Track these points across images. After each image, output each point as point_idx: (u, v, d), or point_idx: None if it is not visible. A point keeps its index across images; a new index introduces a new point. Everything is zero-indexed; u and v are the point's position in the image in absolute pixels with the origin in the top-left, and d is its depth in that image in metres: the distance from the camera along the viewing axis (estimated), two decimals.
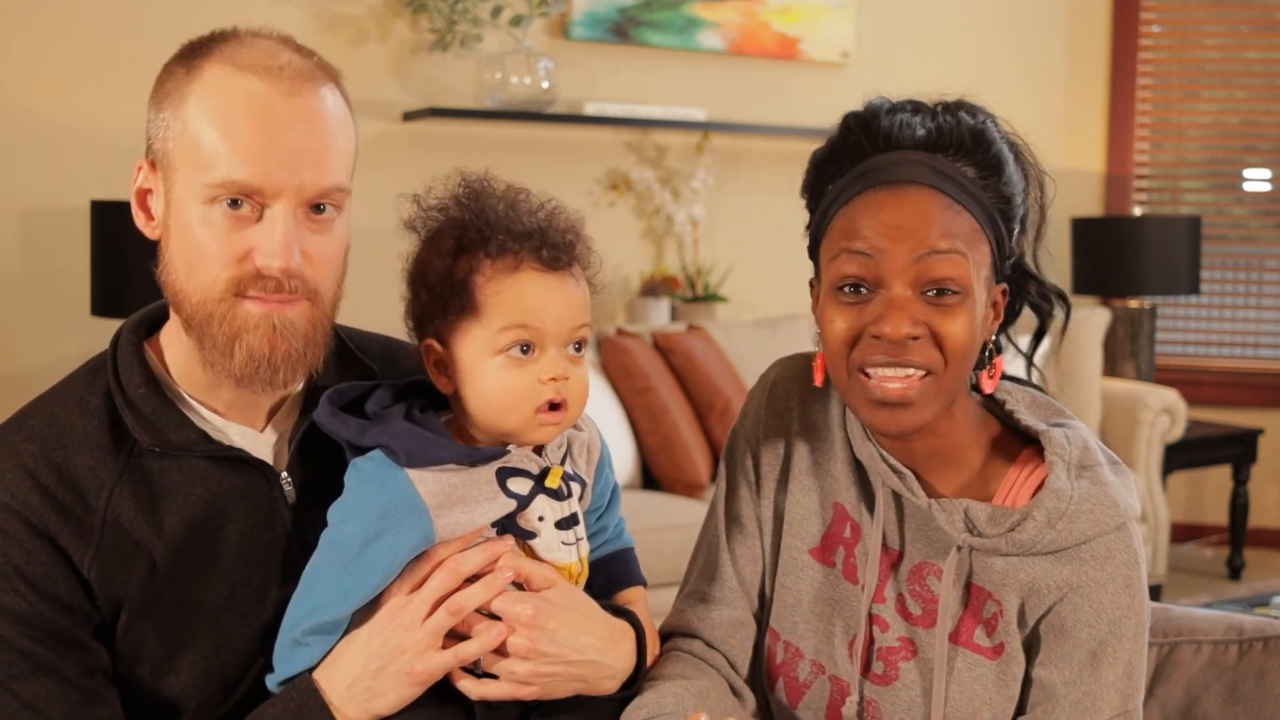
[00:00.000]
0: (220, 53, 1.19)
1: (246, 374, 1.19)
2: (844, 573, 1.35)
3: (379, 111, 3.96)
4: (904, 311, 1.21)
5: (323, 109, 1.20)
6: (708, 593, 1.41)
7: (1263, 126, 5.29)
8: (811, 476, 1.38)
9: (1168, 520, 4.42)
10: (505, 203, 1.24)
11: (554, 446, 1.26)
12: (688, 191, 4.44)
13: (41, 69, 3.50)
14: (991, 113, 1.31)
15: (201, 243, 1.18)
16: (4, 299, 3.52)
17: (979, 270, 1.24)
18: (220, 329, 1.19)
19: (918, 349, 1.21)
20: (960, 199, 1.23)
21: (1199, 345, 5.32)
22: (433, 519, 1.18)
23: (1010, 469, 1.31)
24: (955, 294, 1.21)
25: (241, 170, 1.16)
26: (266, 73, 1.18)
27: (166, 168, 1.20)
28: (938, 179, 1.23)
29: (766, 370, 1.45)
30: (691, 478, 3.79)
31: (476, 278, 1.21)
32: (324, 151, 1.19)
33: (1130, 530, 1.28)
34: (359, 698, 1.19)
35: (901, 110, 1.29)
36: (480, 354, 1.21)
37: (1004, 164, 1.26)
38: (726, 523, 1.42)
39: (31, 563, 1.17)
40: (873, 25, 4.86)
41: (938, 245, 1.21)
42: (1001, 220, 1.27)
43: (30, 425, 1.22)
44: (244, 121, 1.16)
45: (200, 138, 1.17)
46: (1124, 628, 1.25)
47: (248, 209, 1.17)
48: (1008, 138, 1.30)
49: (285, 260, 1.17)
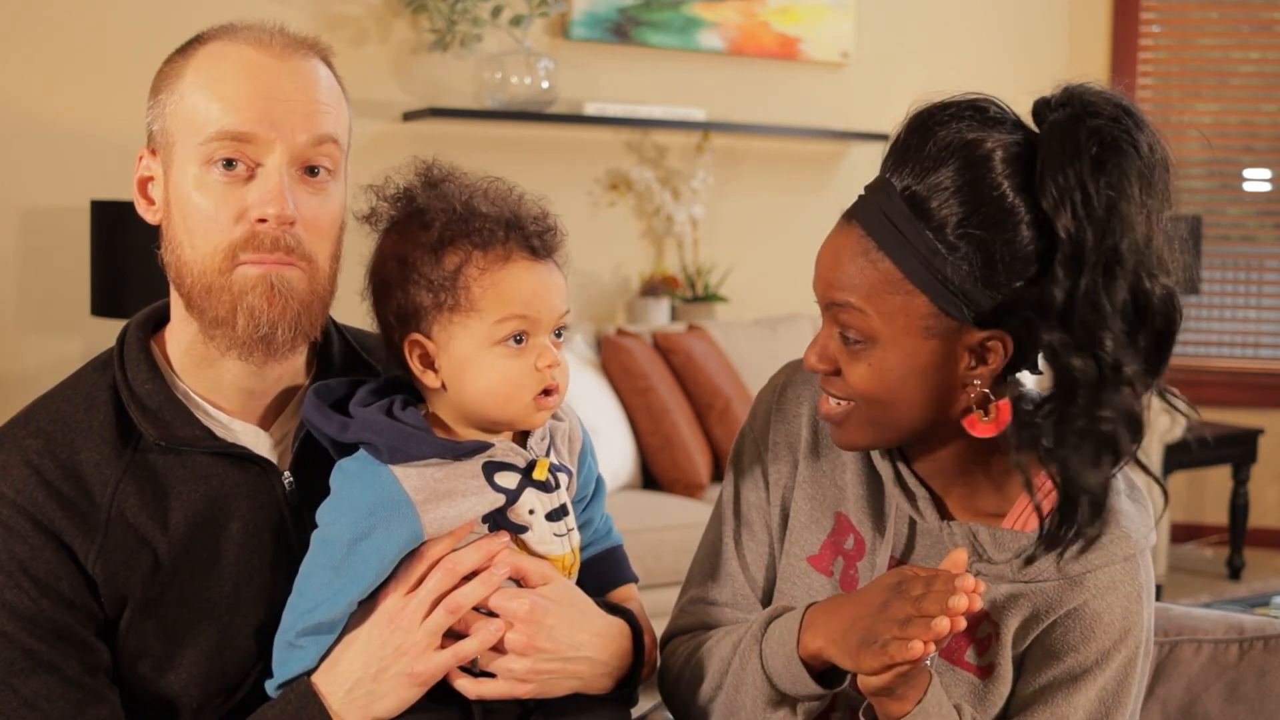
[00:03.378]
0: (215, 35, 1.23)
1: (248, 336, 1.20)
2: (841, 583, 1.34)
3: (379, 111, 3.97)
4: (814, 346, 1.24)
5: (313, 71, 1.23)
6: (716, 596, 1.40)
7: (1262, 126, 5.29)
8: (817, 484, 1.37)
9: (1168, 520, 4.41)
10: (476, 191, 1.24)
11: (537, 438, 1.26)
12: (688, 191, 4.44)
13: (41, 69, 3.50)
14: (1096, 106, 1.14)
15: (199, 208, 1.19)
16: (4, 299, 3.52)
17: (896, 320, 1.17)
18: (221, 299, 1.19)
19: (831, 381, 1.25)
20: (885, 245, 1.16)
21: (1199, 345, 5.33)
22: (419, 514, 1.18)
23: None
24: (858, 342, 1.20)
25: (233, 120, 1.18)
26: (259, 42, 1.21)
27: (165, 146, 1.22)
28: (873, 218, 1.18)
29: (776, 373, 1.44)
30: (691, 478, 3.79)
31: (469, 270, 1.20)
32: (314, 104, 1.21)
33: (1139, 563, 1.26)
34: (359, 701, 1.18)
35: (957, 119, 1.17)
36: (477, 346, 1.21)
37: (993, 201, 1.13)
38: (735, 526, 1.41)
39: (35, 559, 1.17)
40: (873, 25, 4.86)
41: (834, 297, 1.21)
42: (969, 265, 1.14)
43: (36, 421, 1.22)
44: (235, 80, 1.19)
45: (195, 105, 1.19)
46: (1111, 659, 1.23)
47: (241, 168, 1.18)
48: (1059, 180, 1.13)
49: (280, 206, 1.18)
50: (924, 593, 1.12)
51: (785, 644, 1.22)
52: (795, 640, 1.21)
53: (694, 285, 4.46)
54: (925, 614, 1.10)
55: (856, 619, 1.16)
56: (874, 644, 1.12)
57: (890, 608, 1.13)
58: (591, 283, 4.32)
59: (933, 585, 1.12)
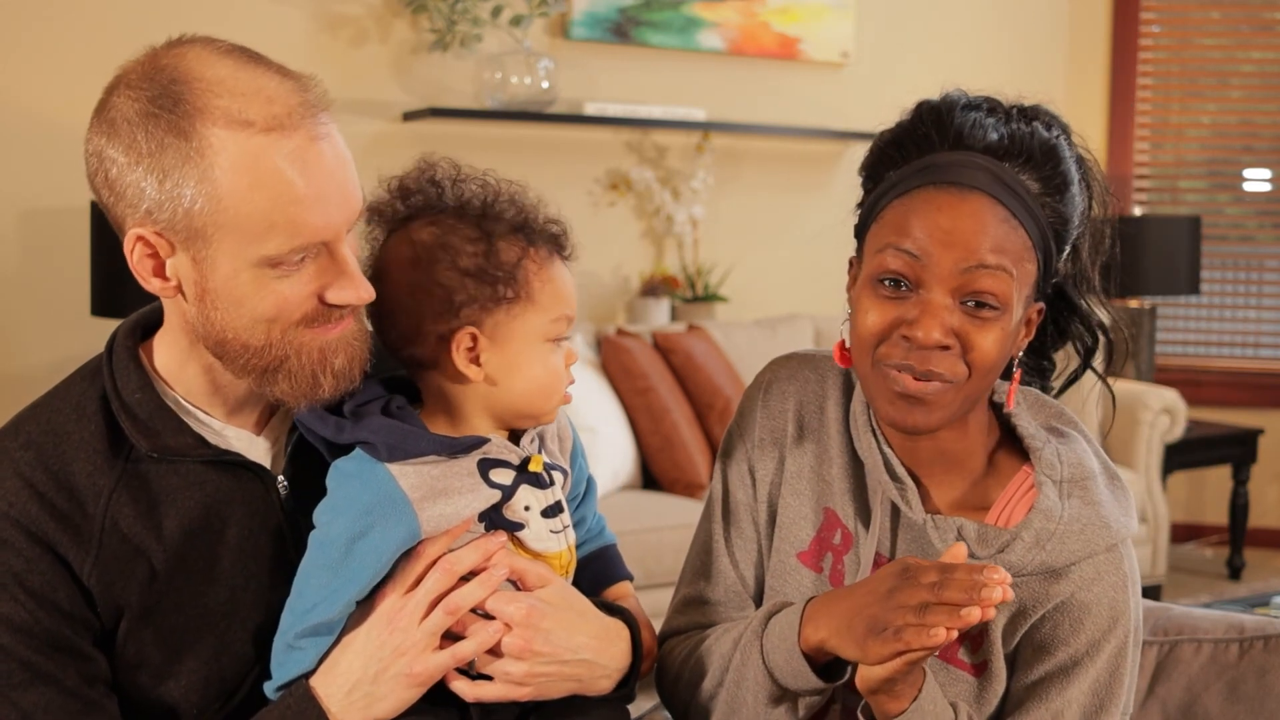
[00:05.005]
0: (212, 112, 1.12)
1: (334, 392, 1.21)
2: (831, 579, 1.34)
3: (379, 111, 3.97)
4: (938, 319, 1.19)
5: (336, 136, 1.19)
6: (708, 595, 1.41)
7: (1262, 126, 5.29)
8: (804, 481, 1.37)
9: (1168, 520, 4.41)
10: (499, 190, 1.24)
11: (528, 439, 1.27)
12: (688, 191, 4.44)
13: (41, 69, 3.50)
14: (1066, 125, 1.28)
15: (263, 301, 1.16)
16: (4, 299, 3.52)
17: (1021, 288, 1.22)
18: (274, 354, 1.18)
19: (943, 359, 1.20)
20: (1018, 214, 1.20)
21: (1199, 345, 5.32)
22: (416, 512, 1.18)
23: (1010, 481, 1.30)
24: (994, 309, 1.19)
25: (307, 235, 1.14)
26: (279, 125, 1.13)
27: (195, 238, 1.14)
28: (1000, 189, 1.20)
29: (762, 371, 1.44)
30: (691, 478, 3.79)
31: (528, 264, 1.22)
32: (354, 179, 1.20)
33: (1122, 552, 1.26)
34: (359, 703, 1.18)
35: (977, 109, 1.25)
36: (532, 340, 1.23)
37: (1069, 183, 1.24)
38: (724, 525, 1.42)
39: (31, 571, 1.16)
40: (873, 25, 4.86)
41: (986, 260, 1.18)
42: (1054, 240, 1.24)
43: (26, 432, 1.21)
44: (293, 188, 1.13)
45: (251, 211, 1.13)
46: (1101, 649, 1.24)
47: (301, 258, 1.16)
48: (1079, 155, 1.28)
49: (359, 295, 1.18)
50: (941, 580, 1.11)
51: (786, 638, 1.22)
52: (796, 634, 1.21)
53: (694, 285, 4.46)
54: (948, 602, 1.09)
55: (862, 607, 1.15)
56: (884, 631, 1.12)
57: (899, 594, 1.13)
58: (591, 283, 4.32)
59: (953, 574, 1.11)
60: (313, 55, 3.82)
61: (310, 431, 1.22)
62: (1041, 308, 1.28)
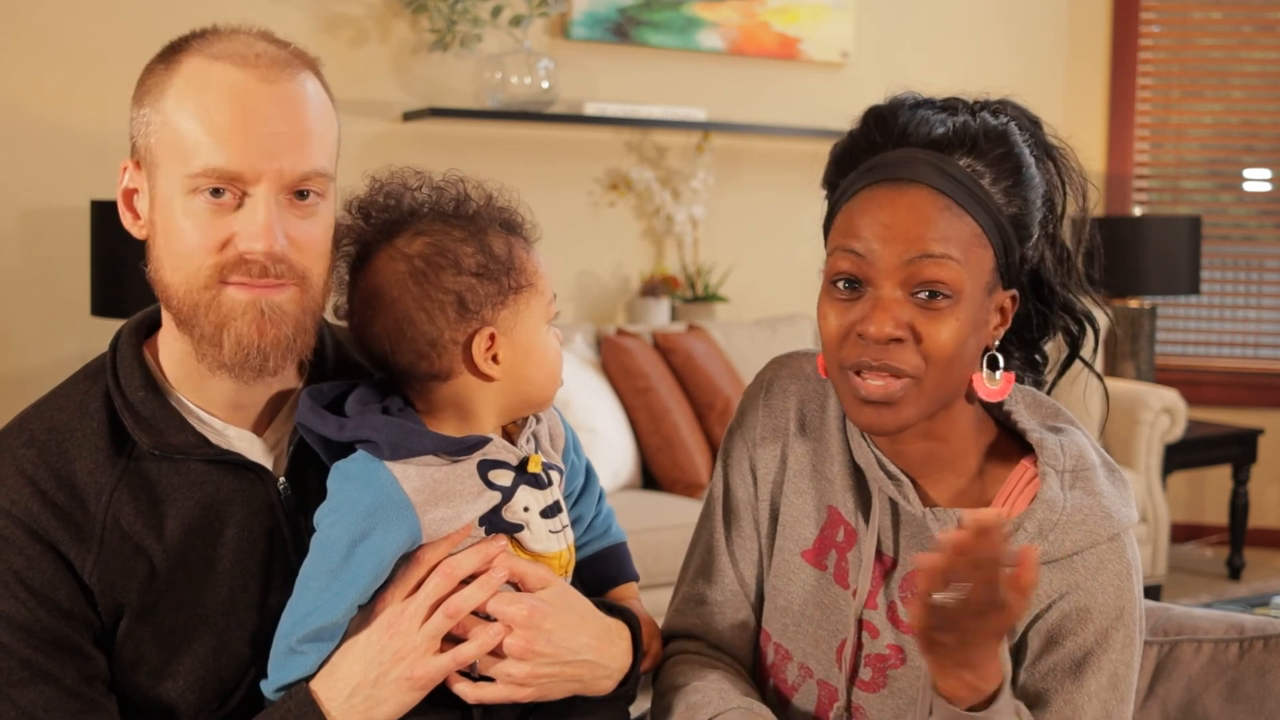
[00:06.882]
0: (197, 46, 1.20)
1: (236, 362, 1.18)
2: (835, 577, 1.34)
3: (379, 111, 3.97)
4: (889, 313, 1.20)
5: (301, 94, 1.20)
6: (708, 595, 1.41)
7: (1262, 126, 5.29)
8: (807, 479, 1.37)
9: (1168, 520, 4.41)
10: (453, 184, 1.25)
11: (523, 439, 1.27)
12: (688, 191, 4.44)
13: (41, 69, 3.50)
14: (1031, 115, 1.30)
15: (184, 233, 1.17)
16: (4, 299, 3.52)
17: (976, 276, 1.22)
18: (207, 318, 1.18)
19: (899, 352, 1.20)
20: (962, 201, 1.21)
21: (1199, 345, 5.32)
22: (419, 515, 1.18)
23: (1009, 475, 1.30)
24: (946, 298, 1.20)
25: (221, 156, 1.15)
26: (243, 61, 1.18)
27: (150, 164, 1.20)
28: (940, 179, 1.22)
29: (762, 370, 1.45)
30: (691, 478, 3.79)
31: (519, 252, 1.23)
32: (303, 136, 1.19)
33: (1124, 541, 1.26)
34: (359, 707, 1.18)
35: (925, 106, 1.28)
36: (537, 325, 1.24)
37: (1022, 167, 1.25)
38: (725, 524, 1.42)
39: (32, 569, 1.16)
40: (873, 25, 4.86)
41: (930, 249, 1.20)
42: (1012, 226, 1.25)
43: (29, 430, 1.22)
44: (222, 109, 1.16)
45: (180, 129, 1.17)
46: (1112, 639, 1.24)
47: (229, 196, 1.17)
48: (1043, 141, 1.29)
49: (268, 243, 1.16)
50: None
51: None
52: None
53: (694, 285, 4.46)
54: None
55: None
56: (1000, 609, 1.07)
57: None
58: (591, 283, 4.32)
59: None
60: None
61: (309, 432, 1.22)
62: (1014, 295, 1.28)
